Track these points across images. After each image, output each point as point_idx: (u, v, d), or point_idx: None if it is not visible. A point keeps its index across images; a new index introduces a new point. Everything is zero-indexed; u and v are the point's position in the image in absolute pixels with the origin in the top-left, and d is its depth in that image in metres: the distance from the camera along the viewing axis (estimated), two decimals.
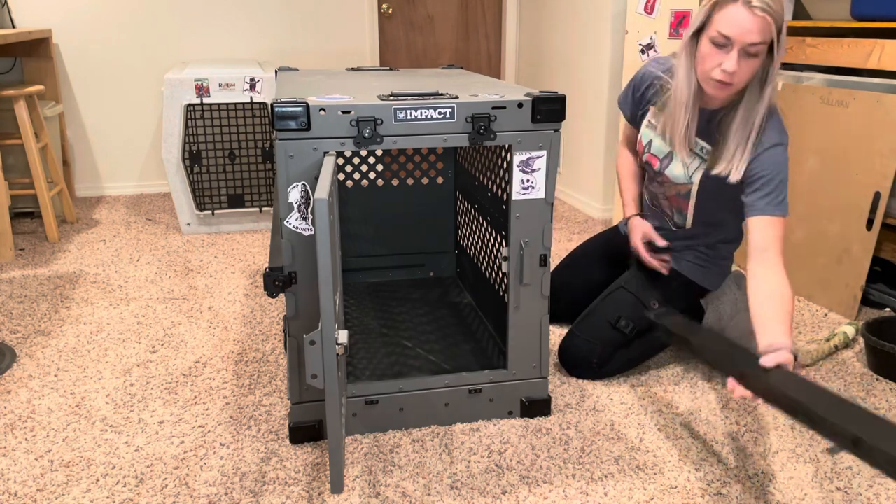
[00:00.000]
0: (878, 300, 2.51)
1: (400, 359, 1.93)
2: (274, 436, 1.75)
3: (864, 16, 2.49)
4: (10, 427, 1.79)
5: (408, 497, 1.53)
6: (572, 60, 3.77)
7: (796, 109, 2.66)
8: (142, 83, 4.01)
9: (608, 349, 1.99)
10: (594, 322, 2.02)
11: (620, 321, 1.98)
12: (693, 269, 1.99)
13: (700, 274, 2.00)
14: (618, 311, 1.99)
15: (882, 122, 2.34)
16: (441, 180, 2.47)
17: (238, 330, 2.35)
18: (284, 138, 1.53)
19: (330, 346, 1.27)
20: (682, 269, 2.00)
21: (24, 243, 3.20)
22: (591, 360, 1.99)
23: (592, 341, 1.99)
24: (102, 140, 4.05)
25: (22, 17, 3.79)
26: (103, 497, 1.53)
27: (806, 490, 1.56)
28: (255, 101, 3.26)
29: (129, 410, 1.87)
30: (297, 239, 1.59)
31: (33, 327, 2.36)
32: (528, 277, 1.73)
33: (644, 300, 1.99)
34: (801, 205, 2.60)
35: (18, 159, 3.42)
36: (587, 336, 2.01)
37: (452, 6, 4.43)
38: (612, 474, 1.61)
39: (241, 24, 4.06)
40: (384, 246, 2.50)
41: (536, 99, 1.61)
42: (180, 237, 3.32)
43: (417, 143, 1.59)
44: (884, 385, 2.00)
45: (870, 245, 2.35)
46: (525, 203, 1.68)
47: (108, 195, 4.11)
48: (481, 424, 1.80)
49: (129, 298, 2.60)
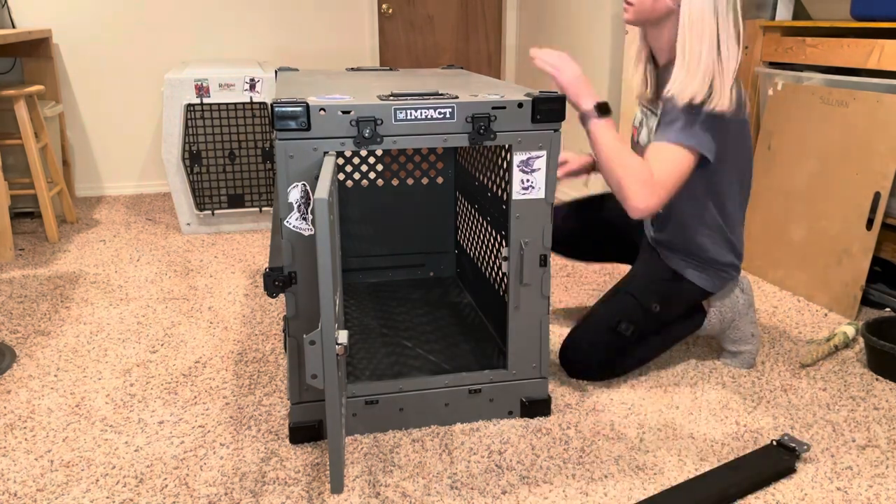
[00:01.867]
0: (878, 300, 2.51)
1: (400, 359, 1.93)
2: (274, 436, 1.75)
3: (864, 16, 2.49)
4: (10, 427, 1.79)
5: (408, 497, 1.53)
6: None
7: (796, 109, 2.66)
8: (142, 83, 4.02)
9: (609, 353, 1.98)
10: (595, 325, 2.00)
11: (621, 324, 1.96)
12: (691, 271, 1.99)
13: (698, 275, 1.99)
14: (618, 315, 1.97)
15: (882, 122, 2.34)
16: (441, 180, 2.47)
17: (238, 330, 2.35)
18: (284, 138, 1.53)
19: (330, 346, 1.27)
20: (681, 269, 1.99)
21: (24, 243, 3.20)
22: (592, 364, 1.99)
23: (593, 345, 1.98)
24: (102, 140, 4.05)
25: (22, 17, 3.79)
26: (103, 497, 1.53)
27: (806, 490, 1.56)
28: (254, 101, 3.26)
29: (128, 410, 1.87)
30: (297, 239, 1.59)
31: (33, 327, 2.36)
32: (528, 277, 1.73)
33: (645, 303, 1.98)
34: (801, 205, 2.61)
35: (18, 159, 3.42)
36: (588, 340, 1.99)
37: (452, 6, 4.43)
38: (612, 474, 1.61)
39: (241, 24, 4.06)
40: (384, 246, 2.50)
41: (536, 99, 1.61)
42: (180, 237, 3.32)
43: (417, 144, 1.59)
44: (884, 385, 2.00)
45: (870, 245, 2.35)
46: (525, 203, 1.68)
47: (108, 195, 4.11)
48: (481, 424, 1.80)
49: (129, 298, 2.60)
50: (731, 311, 2.04)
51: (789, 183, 2.66)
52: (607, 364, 1.99)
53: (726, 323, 2.06)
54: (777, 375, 2.05)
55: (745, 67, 2.97)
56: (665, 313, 1.99)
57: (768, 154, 2.77)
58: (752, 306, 2.07)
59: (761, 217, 2.78)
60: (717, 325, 2.06)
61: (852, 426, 1.80)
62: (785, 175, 2.68)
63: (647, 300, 1.97)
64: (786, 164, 2.68)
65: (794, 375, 2.05)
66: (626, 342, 1.98)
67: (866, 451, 1.70)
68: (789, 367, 2.10)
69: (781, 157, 2.70)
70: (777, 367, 2.10)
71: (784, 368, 2.09)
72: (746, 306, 2.05)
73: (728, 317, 2.05)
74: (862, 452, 1.69)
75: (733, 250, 1.98)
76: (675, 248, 2.00)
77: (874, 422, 1.82)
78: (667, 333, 2.04)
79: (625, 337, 1.97)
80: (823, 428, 1.79)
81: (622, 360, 2.00)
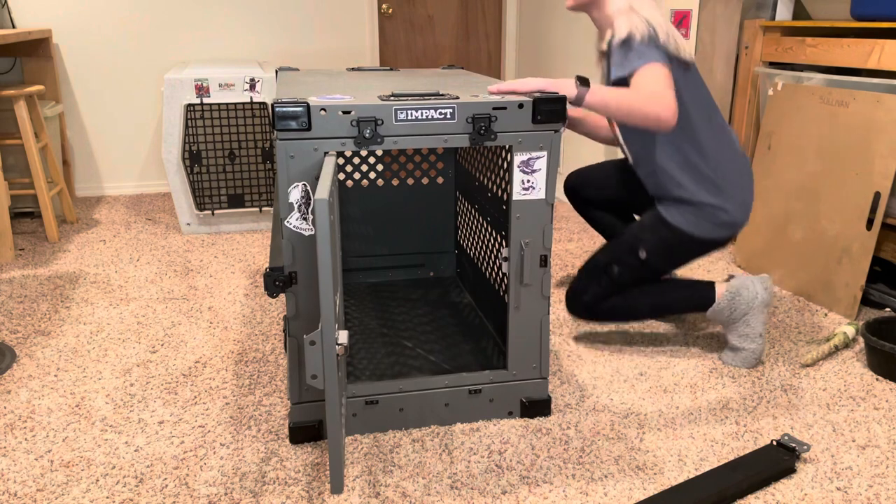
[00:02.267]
0: (878, 300, 2.51)
1: (400, 359, 1.93)
2: (274, 436, 1.75)
3: (864, 16, 2.49)
4: (10, 427, 1.79)
5: (408, 497, 1.53)
6: (572, 61, 3.77)
7: (796, 109, 2.66)
8: (142, 83, 4.01)
9: (600, 290, 2.09)
10: (591, 263, 2.12)
11: (611, 267, 2.07)
12: (678, 217, 2.01)
13: (680, 217, 2.01)
14: (611, 255, 2.09)
15: (882, 122, 2.34)
16: (441, 180, 2.47)
17: (238, 330, 2.35)
18: (285, 138, 1.53)
19: (330, 346, 1.27)
20: (666, 213, 2.03)
21: (24, 243, 3.20)
22: (584, 296, 2.09)
23: (586, 280, 2.11)
24: (102, 140, 4.05)
25: (22, 17, 3.79)
26: (103, 497, 1.53)
27: (806, 490, 1.56)
28: (255, 101, 3.26)
29: (128, 410, 1.87)
30: (298, 239, 1.59)
31: (33, 327, 2.36)
32: (529, 278, 1.73)
33: (634, 247, 2.06)
34: (801, 205, 2.61)
35: (18, 159, 3.42)
36: (583, 276, 2.12)
37: (452, 6, 4.43)
38: (612, 474, 1.61)
39: (241, 24, 4.06)
40: (384, 246, 2.50)
41: (537, 100, 1.61)
42: (180, 237, 3.32)
43: (418, 144, 1.59)
44: (884, 385, 2.00)
45: (870, 245, 2.35)
46: (525, 203, 1.68)
47: (108, 195, 4.11)
48: (481, 424, 1.80)
49: (129, 298, 2.60)
50: (745, 304, 2.06)
51: (789, 183, 2.66)
52: (597, 300, 2.09)
53: (738, 314, 2.07)
54: (777, 375, 2.05)
55: (746, 67, 2.97)
56: (654, 260, 2.05)
57: (768, 154, 2.77)
58: (768, 306, 2.09)
59: (761, 217, 2.78)
60: (725, 310, 2.07)
61: (852, 426, 1.80)
62: (785, 175, 2.68)
63: (635, 245, 2.06)
64: (786, 164, 2.68)
65: (794, 375, 2.05)
66: (618, 285, 2.08)
67: (866, 451, 1.70)
68: (789, 367, 2.10)
69: (781, 157, 2.71)
70: (777, 367, 2.10)
71: (784, 368, 2.09)
72: (763, 305, 2.07)
73: (741, 308, 2.06)
74: (862, 452, 1.69)
75: (716, 189, 1.99)
76: (660, 192, 2.05)
77: (874, 422, 1.82)
78: (664, 293, 2.11)
79: (615, 279, 2.07)
80: (823, 428, 1.79)
81: (614, 302, 2.09)
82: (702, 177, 1.98)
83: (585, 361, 2.14)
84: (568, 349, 2.21)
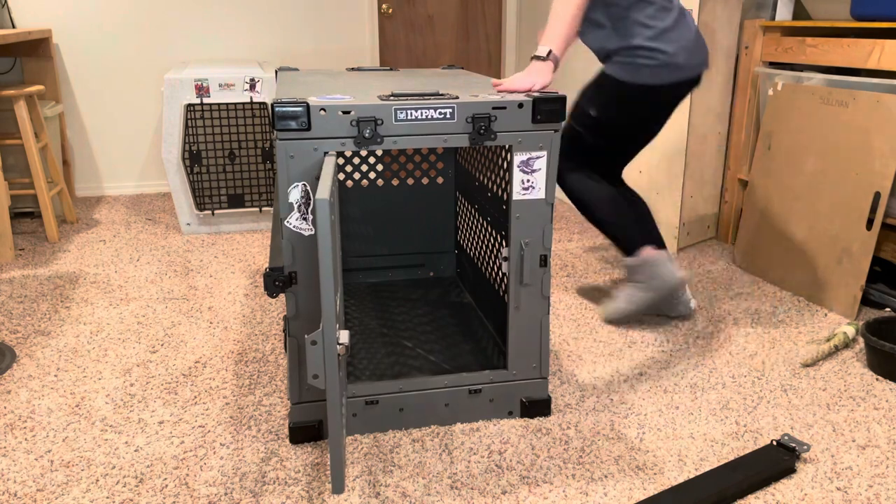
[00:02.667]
0: (878, 300, 2.51)
1: (400, 359, 1.93)
2: (274, 436, 1.75)
3: (864, 16, 2.49)
4: (10, 427, 1.79)
5: (408, 497, 1.53)
6: (572, 60, 3.77)
7: (796, 109, 2.66)
8: (142, 83, 4.01)
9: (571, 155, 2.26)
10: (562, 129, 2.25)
11: (572, 127, 2.23)
12: (617, 69, 2.10)
13: (613, 67, 2.10)
14: (571, 119, 2.24)
15: (882, 122, 2.34)
16: (441, 180, 2.47)
17: (238, 330, 2.35)
18: (285, 138, 1.53)
19: (331, 346, 1.27)
20: (610, 70, 2.12)
21: (24, 243, 3.20)
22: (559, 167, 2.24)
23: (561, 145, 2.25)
24: (102, 140, 4.05)
25: (22, 17, 3.79)
26: (103, 497, 1.53)
27: (806, 490, 1.56)
28: (255, 101, 3.26)
29: (128, 410, 1.87)
30: (298, 239, 1.59)
31: (33, 327, 2.36)
32: (529, 278, 1.73)
33: (586, 108, 2.18)
34: (801, 205, 2.61)
35: (18, 159, 3.42)
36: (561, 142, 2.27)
37: (452, 6, 4.43)
38: (612, 474, 1.61)
39: (241, 24, 4.06)
40: (384, 246, 2.50)
41: (537, 99, 1.61)
42: (180, 237, 3.32)
43: (418, 144, 1.59)
44: (884, 385, 2.00)
45: (870, 245, 2.35)
46: (525, 203, 1.68)
47: (108, 195, 4.11)
48: (481, 424, 1.80)
49: (129, 298, 2.60)
50: (661, 282, 2.26)
51: (789, 183, 2.66)
52: (570, 171, 2.26)
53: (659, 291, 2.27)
54: (777, 375, 2.05)
55: (746, 67, 2.97)
56: (605, 116, 2.16)
57: (768, 154, 2.77)
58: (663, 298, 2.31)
59: (761, 217, 2.78)
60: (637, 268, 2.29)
61: (852, 426, 1.80)
62: (785, 175, 2.68)
63: (586, 106, 2.19)
64: (786, 164, 2.68)
65: (794, 375, 2.05)
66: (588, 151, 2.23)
67: (866, 451, 1.70)
68: (789, 367, 2.10)
69: (781, 157, 2.71)
70: (777, 367, 2.10)
71: (784, 368, 2.09)
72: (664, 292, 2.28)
73: (656, 284, 2.27)
74: (862, 452, 1.69)
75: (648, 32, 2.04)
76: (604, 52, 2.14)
77: (874, 422, 1.82)
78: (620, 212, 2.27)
79: (583, 144, 2.22)
80: (823, 428, 1.79)
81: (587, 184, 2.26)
82: (632, 22, 2.06)
83: (585, 361, 2.14)
84: (568, 349, 2.22)
